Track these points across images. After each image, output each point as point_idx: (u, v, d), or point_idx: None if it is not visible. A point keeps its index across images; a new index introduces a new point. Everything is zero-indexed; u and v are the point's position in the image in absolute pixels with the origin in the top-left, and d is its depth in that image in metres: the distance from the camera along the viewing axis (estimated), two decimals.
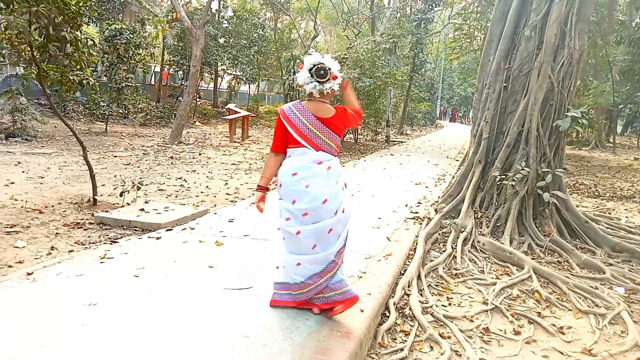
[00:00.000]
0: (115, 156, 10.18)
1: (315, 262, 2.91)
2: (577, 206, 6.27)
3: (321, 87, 2.96)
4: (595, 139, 20.53)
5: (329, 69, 2.96)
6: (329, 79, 2.96)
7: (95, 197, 5.89)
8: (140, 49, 16.72)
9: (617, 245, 5.06)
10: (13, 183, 6.77)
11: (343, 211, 2.97)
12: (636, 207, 7.87)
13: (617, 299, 3.87)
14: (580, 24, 5.47)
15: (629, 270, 4.55)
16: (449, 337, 3.14)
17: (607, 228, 5.64)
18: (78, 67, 5.71)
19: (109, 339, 2.58)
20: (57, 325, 2.70)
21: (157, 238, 4.53)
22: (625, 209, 7.61)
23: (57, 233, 4.70)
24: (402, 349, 2.93)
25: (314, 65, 2.95)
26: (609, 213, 7.06)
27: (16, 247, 4.21)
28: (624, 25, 17.95)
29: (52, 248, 4.26)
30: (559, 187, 5.49)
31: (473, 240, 5.06)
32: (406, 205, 6.67)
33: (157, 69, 23.35)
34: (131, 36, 15.42)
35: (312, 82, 2.95)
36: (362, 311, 3.08)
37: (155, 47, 19.71)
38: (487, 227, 5.34)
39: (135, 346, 2.52)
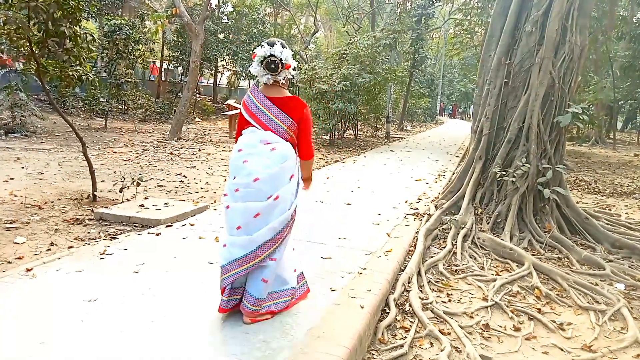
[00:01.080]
0: (115, 152, 10.16)
1: (236, 245, 2.79)
2: (578, 202, 6.27)
3: (275, 78, 2.94)
4: (596, 135, 20.51)
5: (280, 60, 2.90)
6: (281, 70, 2.93)
7: (95, 193, 5.88)
8: (140, 45, 16.67)
9: (617, 241, 5.06)
10: (12, 179, 6.75)
11: (277, 198, 2.81)
12: (636, 203, 7.87)
13: (617, 295, 3.87)
14: (582, 20, 5.45)
15: (629, 267, 4.55)
16: (449, 334, 3.14)
17: (607, 224, 5.64)
18: (77, 62, 5.68)
19: (109, 335, 2.58)
20: (57, 321, 2.70)
21: (157, 234, 4.52)
22: (626, 205, 7.61)
23: (56, 229, 4.69)
24: (402, 345, 2.93)
25: (265, 59, 2.90)
26: (609, 209, 7.06)
27: (15, 243, 4.21)
28: (625, 21, 17.92)
29: (52, 244, 4.25)
30: (559, 183, 5.48)
31: (473, 237, 5.05)
32: (406, 201, 6.67)
33: (157, 64, 23.30)
34: (130, 32, 15.36)
35: (265, 74, 2.94)
36: (362, 307, 3.08)
37: (154, 43, 19.69)
38: (487, 224, 5.33)
39: (135, 343, 2.52)
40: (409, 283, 3.81)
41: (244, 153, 2.87)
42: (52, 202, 5.67)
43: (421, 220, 5.54)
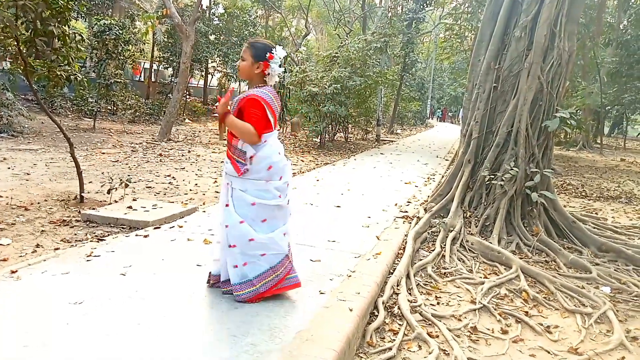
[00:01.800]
0: (103, 153, 10.08)
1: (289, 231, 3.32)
2: (565, 206, 6.33)
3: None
4: (583, 140, 20.75)
5: None
6: None
7: (82, 194, 5.82)
8: (130, 45, 16.57)
9: (604, 245, 5.11)
10: None
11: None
12: (622, 207, 7.97)
13: (603, 298, 3.91)
14: (570, 26, 5.52)
15: (614, 270, 4.59)
16: (437, 336, 3.15)
17: (594, 228, 5.70)
18: (66, 62, 5.63)
19: (95, 338, 2.54)
20: (42, 324, 2.66)
21: (145, 236, 4.48)
22: (612, 209, 7.70)
23: (42, 230, 4.64)
24: (390, 348, 2.93)
25: (283, 60, 3.19)
26: (596, 213, 7.13)
27: (0, 244, 4.15)
28: (612, 28, 18.17)
29: (38, 246, 4.19)
30: (547, 187, 5.53)
31: (462, 240, 5.08)
32: (396, 204, 6.68)
33: (147, 65, 23.17)
34: (120, 32, 15.27)
35: (278, 74, 3.19)
36: (350, 310, 3.07)
37: (145, 44, 19.58)
38: (476, 227, 5.36)
39: (121, 346, 2.49)
40: (397, 286, 3.81)
41: (283, 153, 3.22)
42: (38, 203, 5.61)
43: (410, 223, 5.56)
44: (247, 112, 2.99)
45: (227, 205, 3.12)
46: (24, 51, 5.31)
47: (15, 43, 5.19)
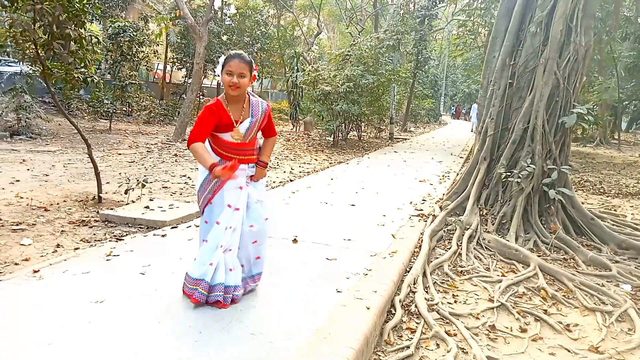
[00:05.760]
0: (120, 154, 10.19)
1: None
2: (583, 203, 6.24)
3: None
4: (600, 136, 20.44)
5: None
6: None
7: (100, 194, 5.89)
8: (144, 47, 16.73)
9: (624, 242, 5.03)
10: (18, 181, 6.78)
11: None
12: None
13: (624, 296, 3.85)
14: (586, 20, 5.44)
15: (635, 268, 4.53)
16: (455, 335, 3.13)
17: (613, 225, 5.62)
18: (82, 64, 5.70)
19: (116, 336, 2.58)
20: (64, 322, 2.71)
21: (163, 235, 4.53)
22: (631, 206, 7.58)
23: (62, 231, 4.71)
24: (408, 347, 2.92)
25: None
26: (615, 210, 7.03)
27: (22, 244, 4.22)
28: (629, 22, 17.84)
29: (58, 246, 4.26)
30: (564, 184, 5.46)
31: (478, 238, 5.04)
32: (411, 202, 6.66)
33: (161, 66, 23.36)
34: (134, 34, 15.42)
35: None
36: (368, 308, 3.08)
37: (158, 45, 19.73)
38: (493, 225, 5.32)
39: (142, 344, 2.52)
40: (414, 284, 3.80)
41: None
42: (57, 203, 5.69)
43: (426, 221, 5.54)
44: (271, 119, 3.29)
45: (259, 201, 3.23)
46: (42, 54, 5.39)
47: (33, 46, 5.28)
